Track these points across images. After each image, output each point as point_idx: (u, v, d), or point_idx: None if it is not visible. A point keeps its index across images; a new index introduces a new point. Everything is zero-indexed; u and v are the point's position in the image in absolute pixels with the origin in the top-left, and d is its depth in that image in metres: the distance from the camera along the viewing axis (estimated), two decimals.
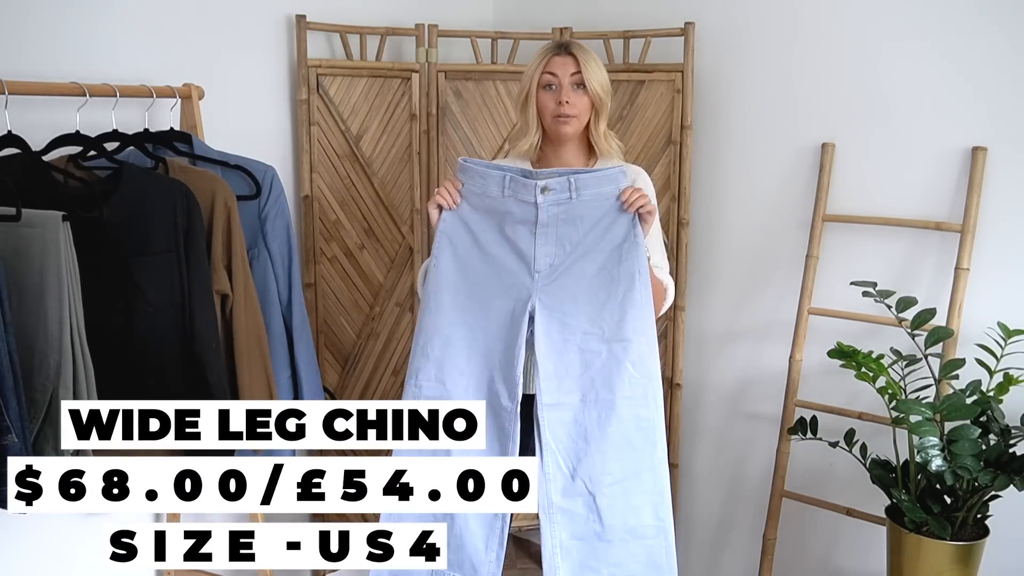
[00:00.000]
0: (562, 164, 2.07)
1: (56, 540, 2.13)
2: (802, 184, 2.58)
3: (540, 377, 1.87)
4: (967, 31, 2.27)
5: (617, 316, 1.88)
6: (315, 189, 2.59)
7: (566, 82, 1.98)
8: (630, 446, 1.90)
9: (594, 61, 2.01)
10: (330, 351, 2.69)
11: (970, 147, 2.29)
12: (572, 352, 1.89)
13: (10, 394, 1.56)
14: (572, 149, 2.07)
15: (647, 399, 1.91)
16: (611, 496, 1.89)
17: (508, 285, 1.90)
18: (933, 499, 2.13)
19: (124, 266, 1.82)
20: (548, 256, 1.90)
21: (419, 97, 2.75)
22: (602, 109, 2.02)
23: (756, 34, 2.61)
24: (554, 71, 1.99)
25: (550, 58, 2.00)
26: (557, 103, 1.99)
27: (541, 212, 1.87)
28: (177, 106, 2.13)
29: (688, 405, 2.87)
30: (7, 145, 1.78)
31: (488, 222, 1.92)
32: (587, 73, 1.97)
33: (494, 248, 1.91)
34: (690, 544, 2.95)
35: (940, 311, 2.26)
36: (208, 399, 1.87)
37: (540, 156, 2.10)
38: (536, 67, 2.01)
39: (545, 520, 1.87)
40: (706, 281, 2.79)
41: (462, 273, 1.91)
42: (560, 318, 1.88)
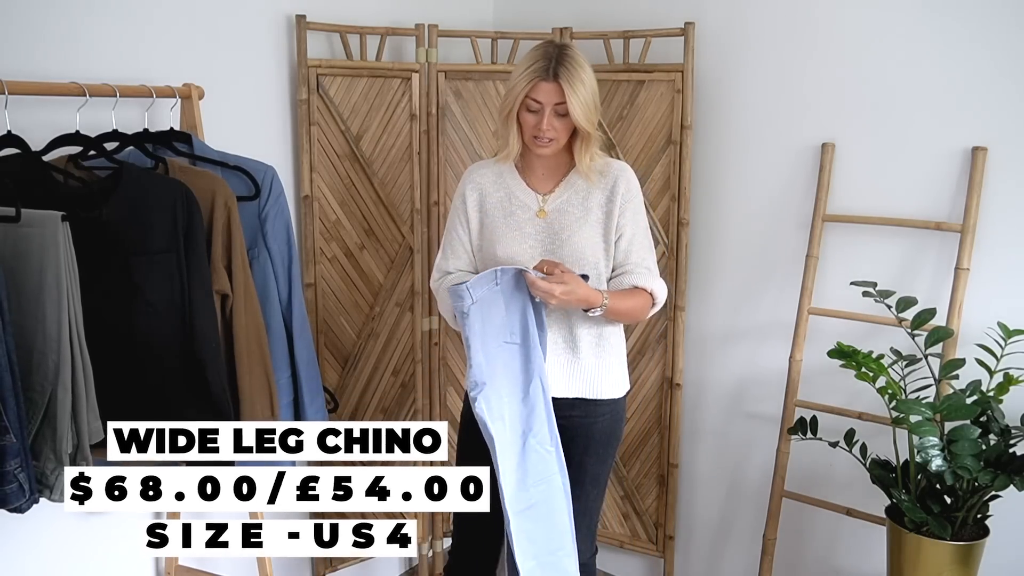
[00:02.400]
0: (544, 170, 2.09)
1: (56, 540, 2.13)
2: (802, 184, 2.58)
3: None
4: (967, 31, 2.27)
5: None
6: (315, 189, 2.59)
7: (548, 110, 1.95)
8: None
9: (580, 83, 1.93)
10: (330, 351, 2.69)
11: (970, 147, 2.29)
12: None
13: (8, 394, 1.56)
14: (553, 158, 2.07)
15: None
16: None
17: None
18: (933, 499, 2.13)
19: (124, 266, 1.82)
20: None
21: (419, 97, 2.75)
22: (588, 138, 1.99)
23: (756, 34, 2.61)
24: (538, 98, 1.95)
25: (536, 83, 1.94)
26: (538, 127, 1.97)
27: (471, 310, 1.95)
28: (177, 106, 2.13)
29: (688, 405, 2.87)
30: (7, 145, 1.78)
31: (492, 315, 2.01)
32: (572, 105, 1.92)
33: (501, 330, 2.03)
34: (690, 544, 2.95)
35: (940, 311, 2.26)
36: (208, 399, 1.88)
37: (523, 162, 2.10)
38: (521, 89, 1.96)
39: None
40: (706, 281, 2.79)
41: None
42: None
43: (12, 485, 1.60)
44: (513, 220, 2.07)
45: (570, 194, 2.06)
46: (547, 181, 2.09)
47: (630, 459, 2.89)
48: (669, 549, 2.89)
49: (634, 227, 2.07)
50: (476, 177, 2.13)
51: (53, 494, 1.70)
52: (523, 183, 2.09)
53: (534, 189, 2.09)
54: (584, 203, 2.05)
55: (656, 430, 2.85)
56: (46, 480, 1.68)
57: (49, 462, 1.67)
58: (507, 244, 2.06)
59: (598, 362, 2.08)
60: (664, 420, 2.82)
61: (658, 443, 2.85)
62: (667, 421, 2.81)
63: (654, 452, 2.86)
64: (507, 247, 2.05)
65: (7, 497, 1.61)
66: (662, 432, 2.83)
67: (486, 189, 2.11)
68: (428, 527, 3.01)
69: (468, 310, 1.92)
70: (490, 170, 2.13)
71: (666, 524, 2.87)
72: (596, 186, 2.05)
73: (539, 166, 2.09)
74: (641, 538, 2.94)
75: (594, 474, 2.12)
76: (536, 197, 2.08)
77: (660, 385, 2.82)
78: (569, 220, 2.04)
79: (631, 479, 2.91)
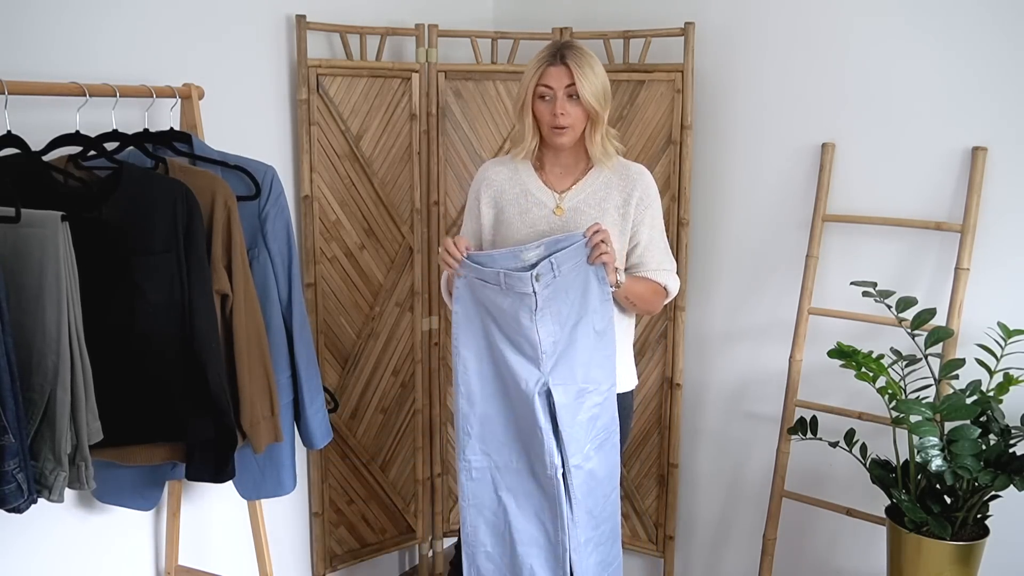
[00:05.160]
0: (560, 168, 2.11)
1: (56, 540, 2.13)
2: (802, 184, 2.58)
3: (566, 443, 1.99)
4: (967, 31, 2.27)
5: (604, 370, 2.04)
6: (315, 189, 2.59)
7: (560, 94, 1.98)
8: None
9: (589, 68, 1.98)
10: (330, 351, 2.69)
11: (970, 147, 2.29)
12: (584, 413, 2.02)
13: (7, 394, 1.56)
14: (570, 154, 2.09)
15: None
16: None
17: (523, 370, 2.00)
18: (933, 499, 2.13)
19: (124, 266, 1.81)
20: (550, 335, 1.98)
21: (419, 97, 2.75)
22: (597, 118, 2.01)
23: (756, 34, 2.61)
24: (549, 83, 1.98)
25: (545, 69, 1.99)
26: (552, 115, 1.99)
27: (539, 298, 1.95)
28: (177, 106, 2.13)
29: (688, 405, 2.87)
30: (7, 145, 1.78)
31: (497, 309, 2.00)
32: (580, 85, 1.96)
33: (508, 335, 2.01)
34: (690, 544, 2.95)
35: (940, 311, 2.26)
36: (208, 399, 1.87)
37: (539, 159, 2.12)
38: (531, 77, 2.01)
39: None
40: (706, 281, 2.79)
41: (484, 362, 2.05)
42: (572, 387, 2.00)
43: (11, 485, 1.60)
44: (528, 217, 2.09)
45: (587, 194, 2.08)
46: (564, 179, 2.11)
47: (630, 459, 2.89)
48: (669, 549, 2.89)
49: (651, 232, 2.10)
50: (491, 173, 2.16)
51: (52, 494, 1.70)
52: (539, 180, 2.12)
53: (551, 187, 2.11)
54: (601, 203, 2.07)
55: (656, 430, 2.85)
56: (45, 480, 1.68)
57: (48, 462, 1.67)
58: (521, 241, 2.08)
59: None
60: (664, 420, 2.82)
61: (658, 443, 2.85)
62: (667, 421, 2.81)
63: (654, 452, 2.86)
64: (520, 243, 2.07)
65: (6, 497, 1.60)
66: (662, 432, 2.83)
67: (502, 185, 2.14)
68: (428, 527, 3.01)
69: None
70: (506, 167, 2.15)
71: (666, 524, 2.87)
72: (614, 187, 2.08)
73: (557, 164, 2.11)
74: (641, 538, 2.94)
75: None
76: (553, 195, 2.10)
77: (660, 385, 2.82)
78: (585, 220, 2.06)
79: (631, 479, 2.90)
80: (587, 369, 2.01)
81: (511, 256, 1.97)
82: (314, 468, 2.69)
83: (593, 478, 2.05)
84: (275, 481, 2.18)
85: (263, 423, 2.01)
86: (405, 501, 2.95)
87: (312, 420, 2.21)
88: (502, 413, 2.05)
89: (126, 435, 1.85)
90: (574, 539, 2.02)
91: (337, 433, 2.66)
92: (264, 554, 2.23)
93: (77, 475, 1.69)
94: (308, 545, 2.78)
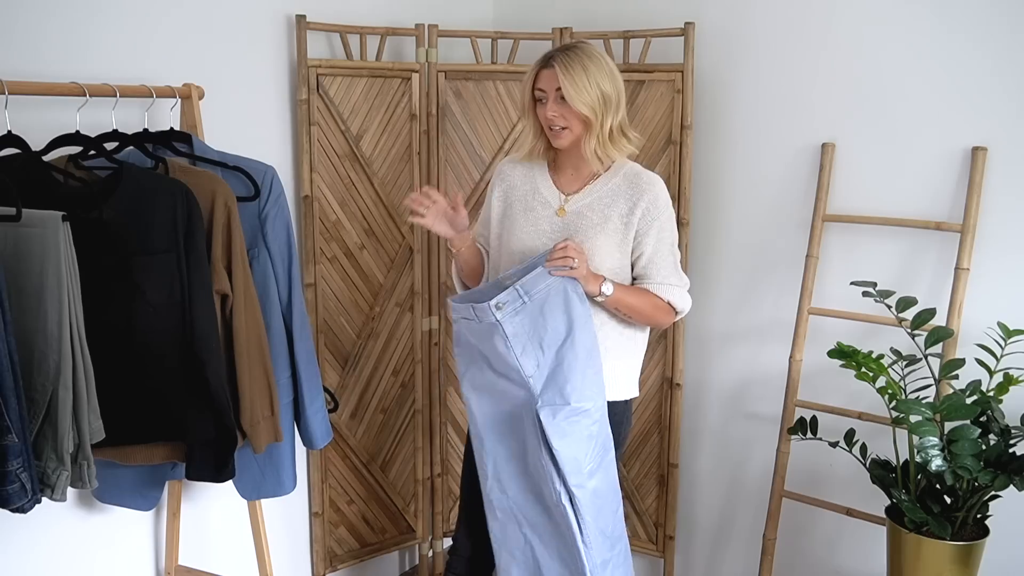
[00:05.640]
0: (573, 167, 2.11)
1: (57, 540, 2.13)
2: (802, 184, 2.58)
3: (562, 464, 1.96)
4: (967, 32, 2.28)
5: (597, 387, 2.02)
6: (315, 189, 2.59)
7: (552, 96, 1.99)
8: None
9: (581, 72, 1.94)
10: (330, 351, 2.69)
11: (970, 147, 2.29)
12: (580, 433, 1.99)
13: (10, 394, 1.56)
14: (580, 156, 2.06)
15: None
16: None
17: (518, 399, 2.00)
18: (933, 499, 2.13)
19: (124, 266, 1.81)
20: (532, 360, 1.97)
21: (419, 97, 2.75)
22: (589, 123, 1.99)
23: (756, 34, 2.61)
24: (540, 86, 2.01)
25: (538, 72, 2.01)
26: (546, 116, 2.01)
27: (506, 327, 1.94)
28: (177, 106, 2.13)
29: (688, 405, 2.87)
30: (7, 145, 1.78)
31: (483, 343, 2.01)
32: (565, 89, 1.95)
33: (496, 367, 2.01)
34: (690, 544, 2.95)
35: (940, 311, 2.26)
36: (207, 399, 1.87)
37: (555, 160, 2.14)
38: (528, 80, 2.03)
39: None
40: (706, 281, 2.79)
41: (485, 400, 2.06)
42: (562, 408, 1.97)
43: (14, 485, 1.60)
44: (532, 215, 2.10)
45: (593, 199, 2.07)
46: (574, 182, 2.11)
47: (630, 459, 2.89)
48: (669, 549, 2.89)
49: (656, 245, 2.06)
50: (507, 168, 2.20)
51: (55, 494, 1.70)
52: (550, 180, 2.13)
53: (560, 188, 2.11)
54: (605, 210, 2.05)
55: (656, 430, 2.85)
56: (47, 479, 1.68)
57: (51, 461, 1.67)
58: (522, 238, 2.10)
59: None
60: (664, 420, 2.82)
61: (658, 443, 2.85)
62: (667, 421, 2.81)
63: (654, 452, 2.86)
64: (521, 241, 2.10)
65: (9, 497, 1.60)
66: (662, 432, 2.83)
67: (514, 181, 2.17)
68: (428, 527, 3.01)
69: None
70: (523, 164, 2.18)
71: (666, 524, 2.87)
72: (621, 195, 2.06)
73: (568, 166, 2.12)
74: (641, 538, 2.94)
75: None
76: (560, 196, 2.10)
77: (660, 385, 2.82)
78: (586, 225, 2.05)
79: (631, 479, 2.90)
80: (579, 388, 1.97)
81: (495, 286, 2.00)
82: (314, 468, 2.69)
83: (598, 496, 2.03)
84: (275, 481, 2.18)
85: (263, 423, 2.01)
86: (405, 501, 2.95)
87: (312, 420, 2.21)
88: (510, 448, 2.05)
89: (126, 435, 1.85)
90: (590, 561, 2.01)
91: (337, 433, 2.66)
92: (264, 554, 2.23)
93: (79, 474, 1.69)
94: (308, 545, 2.78)
